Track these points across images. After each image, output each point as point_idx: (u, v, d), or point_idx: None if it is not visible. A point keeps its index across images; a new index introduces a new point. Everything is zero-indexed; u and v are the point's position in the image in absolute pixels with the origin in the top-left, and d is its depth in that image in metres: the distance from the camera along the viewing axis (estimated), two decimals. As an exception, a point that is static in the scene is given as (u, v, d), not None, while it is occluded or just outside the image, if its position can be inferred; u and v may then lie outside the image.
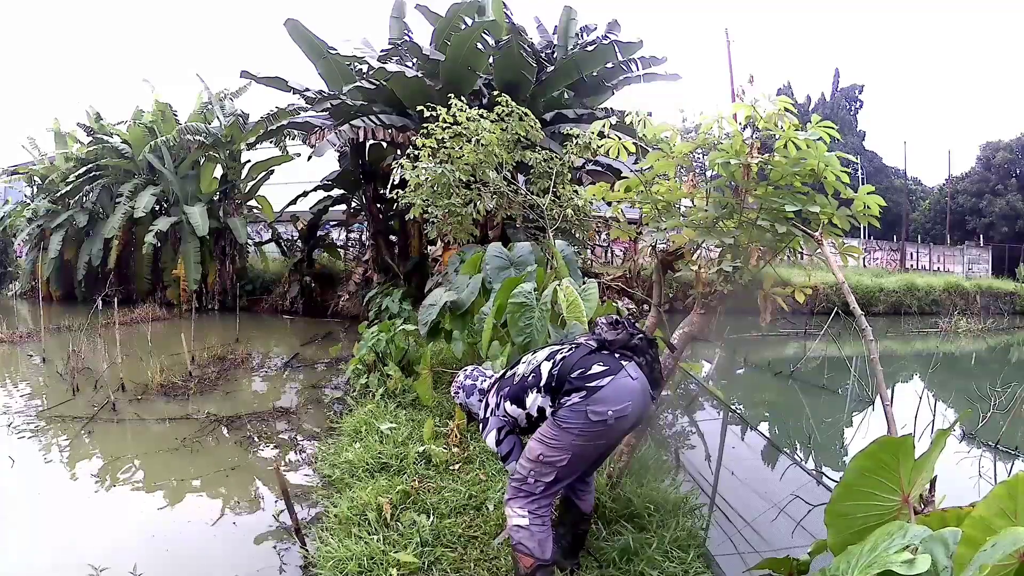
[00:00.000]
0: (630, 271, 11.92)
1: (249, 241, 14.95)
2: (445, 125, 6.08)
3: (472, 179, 6.06)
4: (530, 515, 2.31)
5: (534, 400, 2.44)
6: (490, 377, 2.89)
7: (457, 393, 2.95)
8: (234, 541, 3.36)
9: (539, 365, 2.47)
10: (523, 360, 2.63)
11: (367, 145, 11.19)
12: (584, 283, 4.46)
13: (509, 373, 2.65)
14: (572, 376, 2.30)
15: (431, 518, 3.06)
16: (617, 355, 2.34)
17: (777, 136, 2.64)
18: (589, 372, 2.28)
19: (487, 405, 2.69)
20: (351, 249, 16.30)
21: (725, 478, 4.18)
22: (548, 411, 2.39)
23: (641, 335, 2.42)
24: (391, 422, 4.54)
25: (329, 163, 12.71)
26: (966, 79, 78.71)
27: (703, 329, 3.11)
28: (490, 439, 2.62)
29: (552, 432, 2.30)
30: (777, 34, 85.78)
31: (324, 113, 10.62)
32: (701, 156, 3.16)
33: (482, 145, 5.90)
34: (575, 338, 2.63)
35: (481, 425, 2.72)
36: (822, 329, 8.90)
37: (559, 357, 2.42)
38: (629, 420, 2.29)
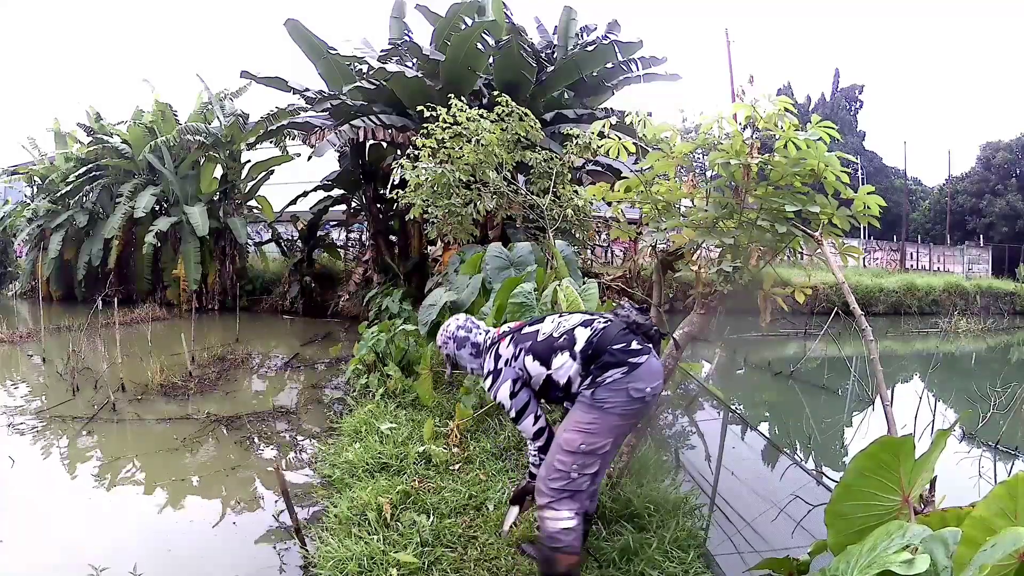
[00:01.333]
0: (630, 271, 11.93)
1: (249, 241, 14.94)
2: (445, 125, 6.08)
3: (472, 179, 6.06)
4: (576, 515, 2.25)
5: (564, 364, 2.33)
6: (485, 331, 2.72)
7: (446, 343, 2.73)
8: (234, 541, 3.36)
9: (573, 329, 2.38)
10: (547, 318, 2.53)
11: (367, 145, 11.19)
12: (584, 283, 4.47)
13: (529, 329, 2.52)
14: (615, 348, 2.24)
15: (431, 518, 3.06)
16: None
17: (777, 136, 2.64)
18: (630, 347, 2.24)
19: (498, 356, 2.52)
20: (351, 249, 16.29)
21: (725, 478, 4.17)
22: (578, 385, 2.29)
23: (656, 328, 2.45)
24: (391, 422, 4.54)
25: (329, 163, 12.71)
26: (966, 79, 78.80)
27: (703, 329, 3.11)
28: (504, 390, 2.44)
29: (591, 417, 2.23)
30: (777, 35, 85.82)
31: (324, 113, 10.62)
32: (701, 156, 3.17)
33: (482, 145, 5.90)
34: (603, 312, 2.55)
35: (491, 377, 2.53)
36: (822, 329, 8.90)
37: (599, 326, 2.35)
38: (657, 400, 2.32)
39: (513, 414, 2.46)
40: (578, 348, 2.31)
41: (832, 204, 2.69)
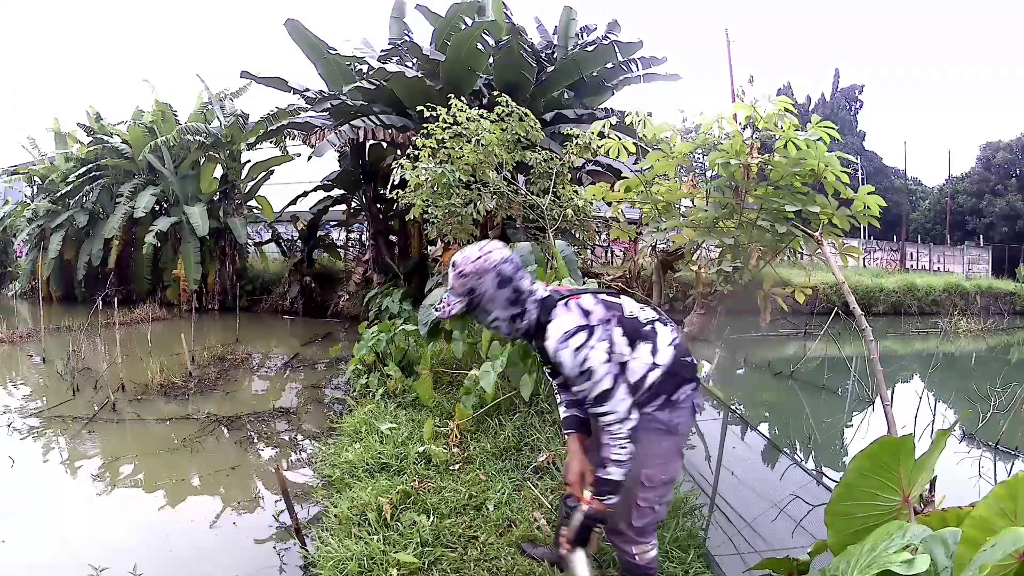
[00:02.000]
0: (630, 271, 11.91)
1: (249, 241, 14.95)
2: (445, 125, 6.08)
3: (472, 179, 6.06)
4: (656, 538, 2.25)
5: (644, 357, 2.05)
6: (533, 281, 2.11)
7: (482, 275, 1.99)
8: (234, 541, 3.36)
9: (654, 321, 2.13)
10: (623, 296, 2.23)
11: (367, 145, 11.19)
12: (584, 283, 4.47)
13: (611, 299, 2.15)
14: (687, 360, 2.12)
15: (431, 518, 3.05)
16: None
17: (777, 136, 2.65)
18: (694, 361, 2.19)
19: (587, 311, 2.01)
20: (351, 249, 16.29)
21: (725, 478, 4.18)
22: (640, 393, 2.03)
23: None
24: (391, 422, 4.54)
25: (329, 163, 12.71)
26: (966, 79, 78.75)
27: (703, 329, 3.11)
28: (600, 352, 1.92)
29: (666, 445, 2.11)
30: (777, 35, 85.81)
31: (324, 113, 10.62)
32: (701, 156, 3.17)
33: (482, 145, 5.90)
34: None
35: (583, 333, 1.94)
36: (822, 329, 8.90)
37: (676, 332, 2.18)
38: None
39: (607, 384, 1.89)
40: (662, 348, 2.07)
41: (832, 204, 2.69)
